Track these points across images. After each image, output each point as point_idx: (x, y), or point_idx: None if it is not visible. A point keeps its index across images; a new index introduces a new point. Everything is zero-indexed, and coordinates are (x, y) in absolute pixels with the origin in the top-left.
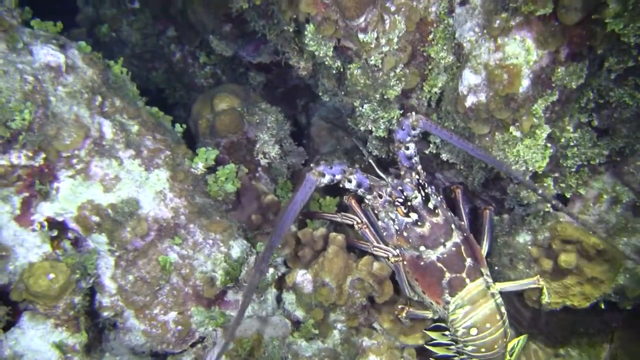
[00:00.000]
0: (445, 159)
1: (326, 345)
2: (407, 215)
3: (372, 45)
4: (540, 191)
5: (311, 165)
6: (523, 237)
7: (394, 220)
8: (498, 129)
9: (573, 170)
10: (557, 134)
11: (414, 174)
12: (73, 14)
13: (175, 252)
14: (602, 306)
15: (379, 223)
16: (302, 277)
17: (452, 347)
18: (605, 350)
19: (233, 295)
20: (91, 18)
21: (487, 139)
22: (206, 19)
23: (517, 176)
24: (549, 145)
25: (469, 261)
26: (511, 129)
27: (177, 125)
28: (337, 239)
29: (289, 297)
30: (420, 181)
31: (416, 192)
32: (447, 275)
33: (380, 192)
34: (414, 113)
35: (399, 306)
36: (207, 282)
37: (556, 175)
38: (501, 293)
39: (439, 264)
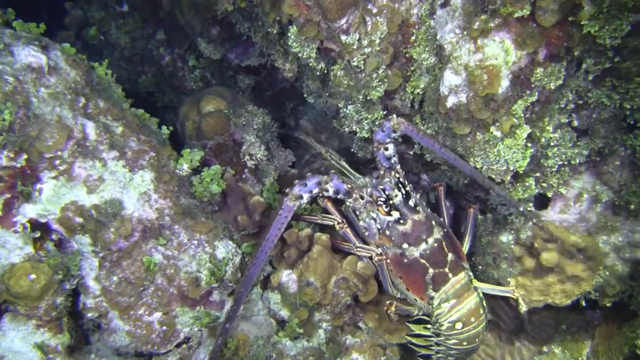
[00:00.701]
0: (429, 160)
1: (311, 344)
2: (388, 214)
3: (354, 47)
4: (522, 209)
5: (286, 190)
6: (506, 236)
7: (375, 220)
8: (479, 129)
9: (554, 170)
10: (537, 134)
11: (393, 173)
12: (61, 17)
13: (159, 252)
14: (583, 303)
15: (361, 223)
16: (287, 276)
17: (432, 339)
18: (587, 347)
19: (218, 296)
20: (79, 21)
21: (468, 139)
22: (194, 22)
23: (495, 190)
24: (529, 145)
25: (450, 256)
26: (492, 129)
27: (164, 128)
28: (322, 239)
29: (273, 297)
30: (400, 179)
31: (396, 190)
32: (430, 271)
33: (361, 194)
34: (395, 116)
35: (388, 302)
36: (192, 283)
37: (537, 175)
38: None
39: (422, 261)
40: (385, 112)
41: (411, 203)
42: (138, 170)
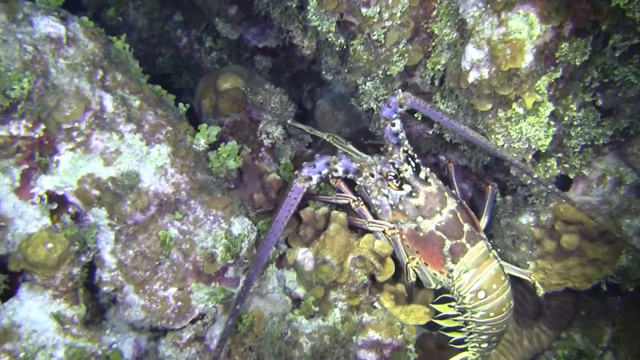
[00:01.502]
0: (448, 139)
1: (326, 323)
2: (400, 188)
3: (375, 20)
4: (536, 175)
5: (295, 172)
6: (526, 218)
7: (387, 196)
8: (501, 105)
9: (577, 150)
10: (561, 112)
11: (401, 148)
12: None
13: (175, 227)
14: (604, 288)
15: (373, 202)
16: (303, 254)
17: (460, 317)
18: (608, 334)
19: (233, 272)
20: (97, 1)
21: (489, 115)
22: (212, 1)
23: (511, 159)
24: (552, 123)
25: (466, 226)
26: (514, 105)
27: (181, 105)
28: (339, 217)
29: (289, 275)
30: (410, 153)
31: (406, 164)
32: (448, 242)
33: (371, 172)
34: (400, 90)
35: (410, 256)
36: (207, 258)
37: (560, 155)
38: None
39: (438, 233)
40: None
41: (422, 176)
42: (155, 144)
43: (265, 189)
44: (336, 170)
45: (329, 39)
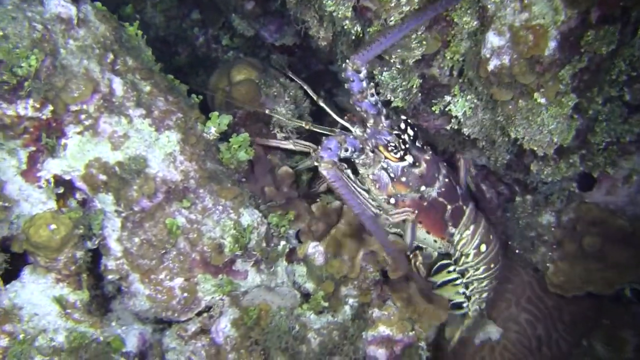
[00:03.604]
0: (467, 134)
1: (336, 319)
2: (402, 159)
3: (392, 4)
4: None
5: (315, 163)
6: (546, 218)
7: (387, 169)
8: (522, 95)
9: (601, 147)
10: (585, 106)
11: (383, 118)
12: None
13: (183, 215)
14: (628, 294)
15: (370, 177)
16: (314, 248)
17: (459, 280)
18: (631, 344)
19: (242, 265)
20: None
21: (510, 106)
22: None
23: None
24: (575, 116)
25: (458, 188)
26: (535, 95)
27: (193, 96)
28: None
29: (299, 269)
30: (408, 121)
31: (405, 134)
32: (449, 207)
33: (368, 146)
34: (347, 60)
35: (411, 255)
36: (215, 249)
37: (583, 152)
38: None
39: (440, 199)
40: (421, 81)
41: (418, 144)
42: (164, 130)
43: (277, 182)
44: (346, 150)
45: (345, 27)
